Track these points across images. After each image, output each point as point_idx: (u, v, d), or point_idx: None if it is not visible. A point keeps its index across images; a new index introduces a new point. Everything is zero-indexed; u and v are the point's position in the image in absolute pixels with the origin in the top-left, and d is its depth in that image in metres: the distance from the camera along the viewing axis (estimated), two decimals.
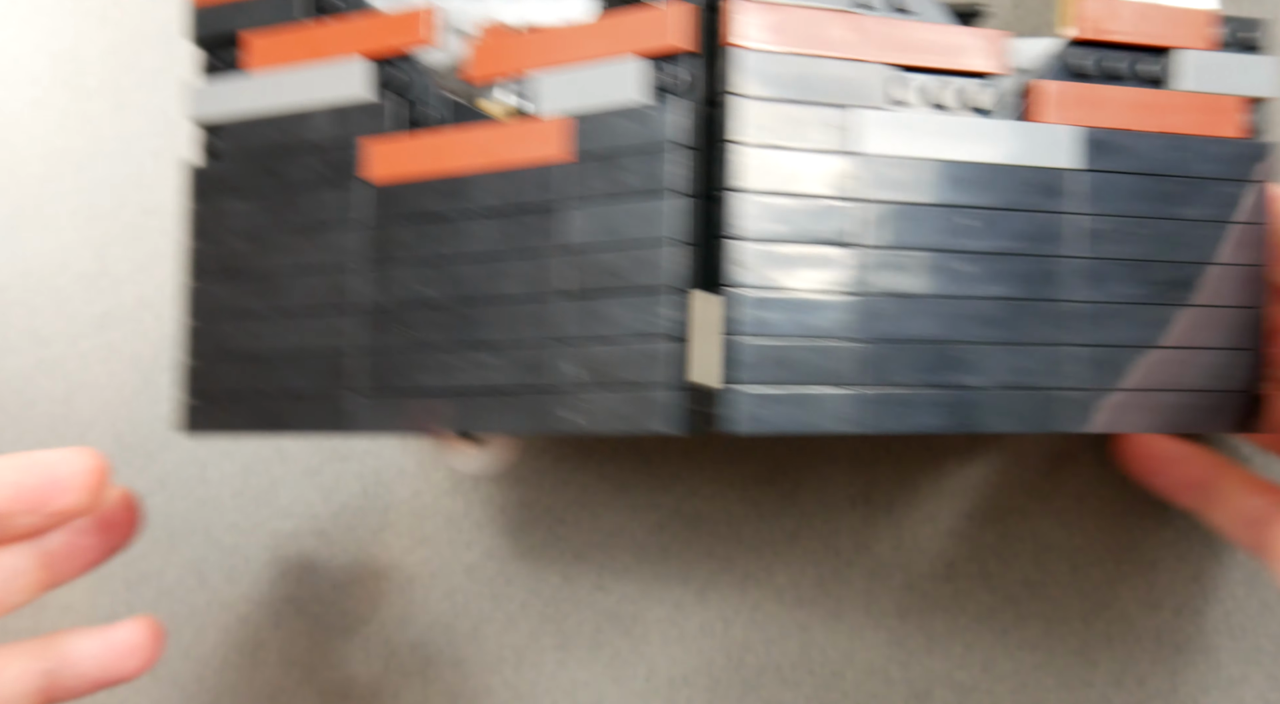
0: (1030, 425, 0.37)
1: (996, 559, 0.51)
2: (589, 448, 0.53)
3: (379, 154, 0.39)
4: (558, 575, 0.52)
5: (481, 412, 0.37)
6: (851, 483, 0.52)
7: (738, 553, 0.52)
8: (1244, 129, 0.40)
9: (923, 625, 0.52)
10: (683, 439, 0.52)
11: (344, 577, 0.53)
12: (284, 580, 0.53)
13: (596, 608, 0.52)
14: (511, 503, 0.53)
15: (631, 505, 0.52)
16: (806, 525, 0.52)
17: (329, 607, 0.53)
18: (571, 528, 0.53)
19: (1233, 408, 0.39)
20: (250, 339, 0.40)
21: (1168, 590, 0.51)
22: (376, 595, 0.53)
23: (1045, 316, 0.37)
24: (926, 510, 0.52)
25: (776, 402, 0.34)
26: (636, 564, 0.52)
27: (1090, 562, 0.51)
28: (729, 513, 0.52)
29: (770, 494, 0.52)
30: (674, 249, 0.34)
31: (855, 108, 0.36)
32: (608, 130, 0.35)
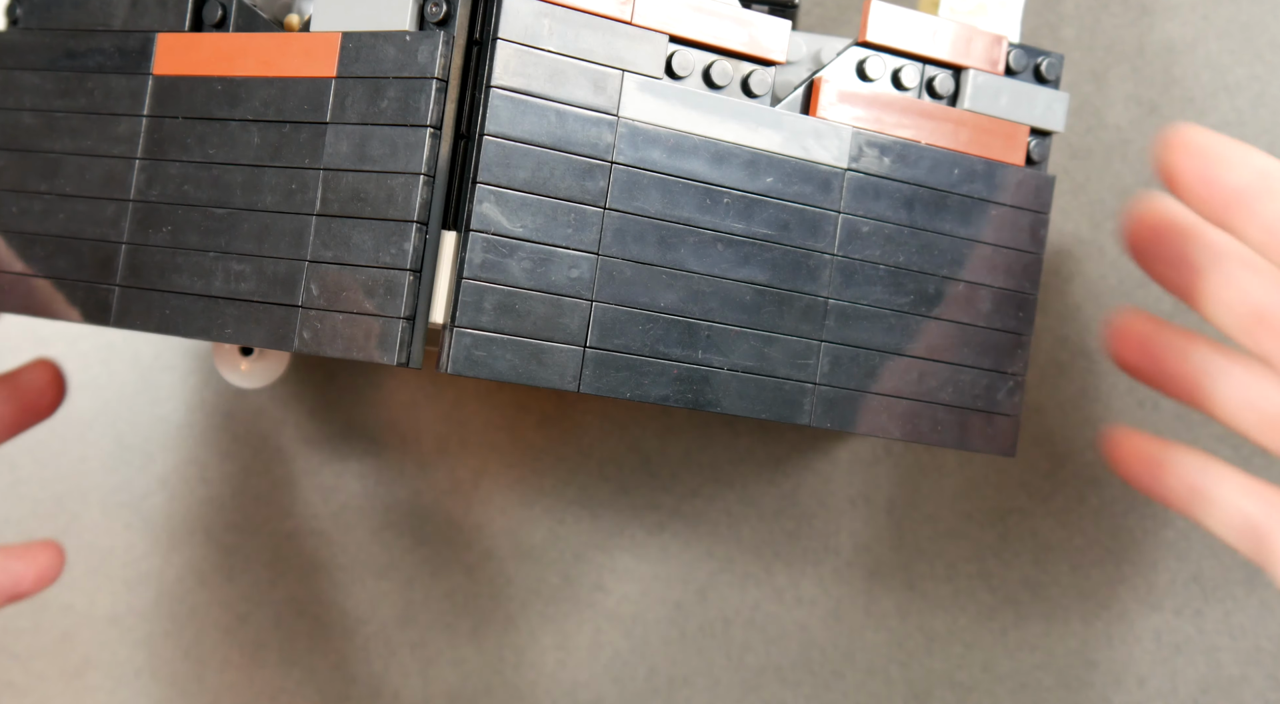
0: (767, 412, 0.37)
1: (996, 559, 0.51)
2: (589, 447, 0.53)
3: (167, 48, 0.38)
4: (558, 575, 0.53)
5: (228, 321, 0.37)
6: (851, 483, 0.52)
7: (738, 553, 0.52)
8: (1026, 157, 0.40)
9: (923, 625, 0.52)
10: (682, 440, 0.53)
11: (344, 577, 0.53)
12: (284, 580, 0.53)
13: (596, 608, 0.52)
14: (511, 503, 0.53)
15: (631, 505, 0.52)
16: (806, 525, 0.52)
17: (329, 607, 0.53)
18: (571, 528, 0.53)
19: (986, 428, 0.39)
20: (25, 217, 0.40)
21: (1168, 590, 0.51)
22: (376, 595, 0.53)
23: (796, 308, 0.37)
24: (926, 510, 0.52)
25: (500, 346, 0.34)
26: (636, 564, 0.52)
27: (1090, 562, 0.51)
28: (729, 513, 0.52)
29: (770, 494, 0.52)
30: (419, 182, 0.34)
31: (624, 71, 0.35)
32: (372, 54, 0.35)
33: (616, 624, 0.52)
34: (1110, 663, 0.51)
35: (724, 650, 0.52)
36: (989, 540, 0.51)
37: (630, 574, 0.52)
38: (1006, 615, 0.51)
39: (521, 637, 0.53)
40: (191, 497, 0.54)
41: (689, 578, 0.52)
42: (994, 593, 0.51)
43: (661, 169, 0.36)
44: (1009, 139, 0.40)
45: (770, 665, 0.52)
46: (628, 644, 0.52)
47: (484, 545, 0.53)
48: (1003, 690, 0.51)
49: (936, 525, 0.52)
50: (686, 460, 0.52)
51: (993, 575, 0.51)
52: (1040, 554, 0.51)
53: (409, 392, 0.53)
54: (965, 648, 0.51)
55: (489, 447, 0.53)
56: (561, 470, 0.53)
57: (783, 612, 0.52)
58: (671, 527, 0.52)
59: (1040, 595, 0.51)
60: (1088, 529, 0.51)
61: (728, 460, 0.52)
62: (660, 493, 0.52)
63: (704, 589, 0.52)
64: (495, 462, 0.53)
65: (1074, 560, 0.51)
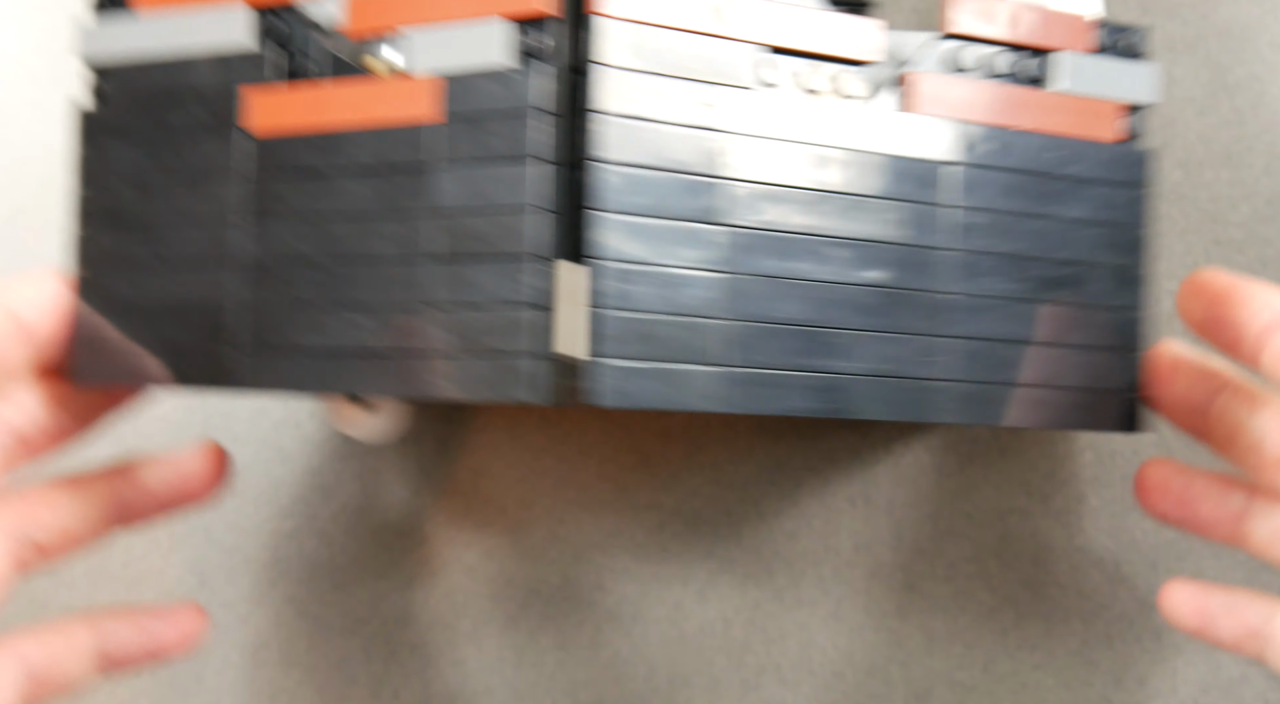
0: (900, 414, 0.37)
1: (996, 559, 0.51)
2: (588, 447, 0.53)
3: (259, 105, 0.38)
4: (558, 575, 0.53)
5: (353, 373, 0.36)
6: (851, 483, 0.52)
7: (738, 553, 0.52)
8: (1122, 133, 0.40)
9: (923, 625, 0.52)
10: (682, 440, 0.52)
11: (344, 577, 0.53)
12: (284, 580, 0.53)
13: (596, 608, 0.52)
14: (511, 503, 0.53)
15: (631, 505, 0.52)
16: (806, 525, 0.52)
17: (329, 607, 0.53)
18: (571, 528, 0.53)
19: (1113, 408, 0.39)
20: (134, 289, 0.40)
21: None
22: (376, 595, 0.53)
23: (917, 306, 0.37)
24: (926, 510, 0.52)
25: (641, 376, 0.34)
26: (636, 564, 0.52)
27: (1090, 562, 0.51)
28: (729, 513, 0.52)
29: (770, 494, 0.52)
30: (536, 216, 0.34)
31: (725, 86, 0.35)
32: (474, 92, 0.35)
33: (616, 624, 0.52)
34: (1110, 663, 0.51)
35: (724, 650, 0.52)
36: (989, 540, 0.51)
37: (630, 574, 0.52)
38: (1006, 615, 0.51)
39: (521, 637, 0.53)
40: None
41: (689, 578, 0.52)
42: (994, 593, 0.51)
43: (770, 180, 0.36)
44: (1104, 117, 0.40)
45: (770, 665, 0.52)
46: (628, 644, 0.52)
47: (484, 545, 0.53)
48: (1003, 690, 0.51)
49: (936, 525, 0.52)
50: (686, 460, 0.52)
51: (993, 575, 0.51)
52: (1040, 554, 0.51)
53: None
54: (965, 648, 0.51)
55: (489, 447, 0.53)
56: (561, 470, 0.53)
57: (783, 612, 0.52)
58: (671, 527, 0.52)
59: (1040, 595, 0.51)
60: (1088, 529, 0.51)
61: (728, 460, 0.52)
62: (660, 493, 0.52)
63: (704, 589, 0.52)
64: (495, 462, 0.53)
65: (1074, 560, 0.51)
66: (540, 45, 0.35)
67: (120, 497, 0.43)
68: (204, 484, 0.44)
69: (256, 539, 0.53)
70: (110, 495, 0.43)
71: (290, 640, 0.53)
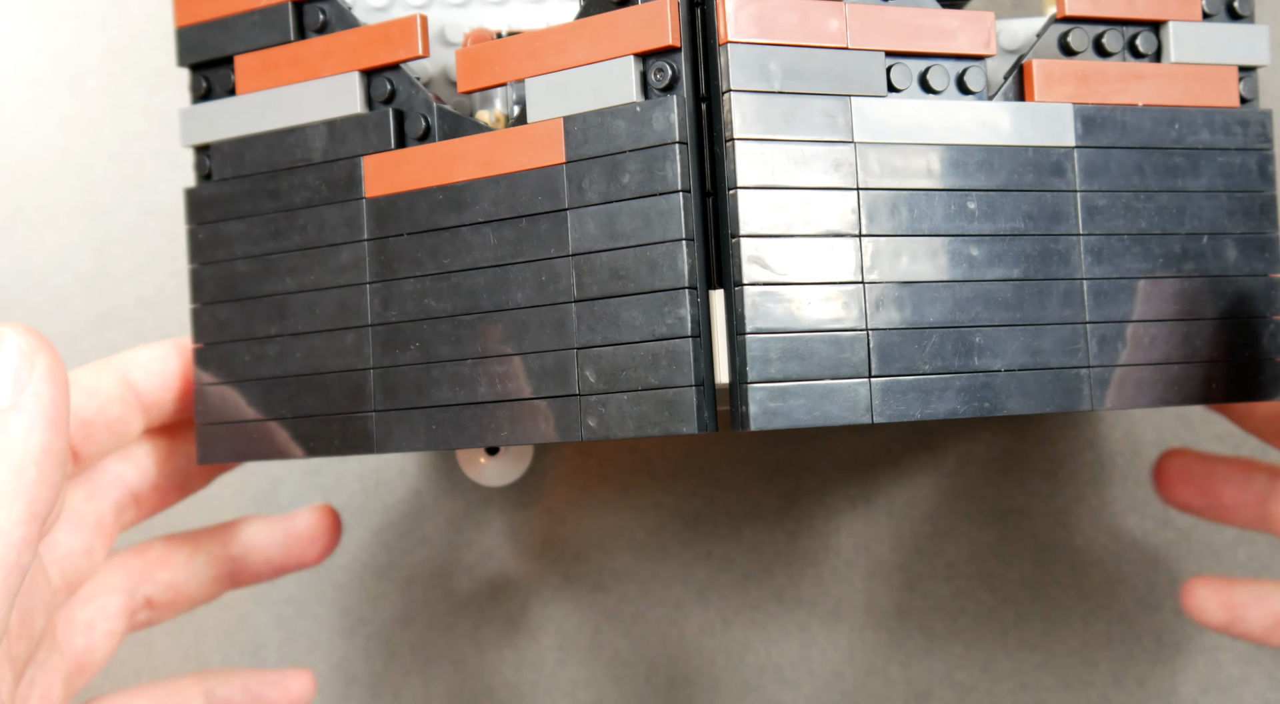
0: (1050, 405, 0.37)
1: (996, 559, 0.52)
2: (588, 447, 0.53)
3: (376, 168, 0.38)
4: (558, 575, 0.53)
5: (502, 424, 0.36)
6: (851, 483, 0.52)
7: (738, 553, 0.52)
8: (1239, 97, 0.40)
9: (923, 625, 0.52)
10: (682, 440, 0.53)
11: (344, 576, 0.53)
12: (284, 580, 0.53)
13: (596, 608, 0.52)
14: (511, 503, 0.53)
15: (631, 505, 0.52)
16: (806, 525, 0.52)
17: (329, 607, 0.53)
18: (571, 528, 0.53)
19: (1252, 376, 0.39)
20: (261, 362, 0.40)
21: (1168, 590, 0.51)
22: (376, 595, 0.53)
23: (1055, 295, 0.37)
24: (926, 510, 0.52)
25: (792, 395, 0.34)
26: (636, 564, 0.52)
27: (1090, 562, 0.51)
28: (729, 513, 0.52)
29: (770, 494, 0.52)
30: (685, 247, 0.34)
31: (850, 96, 0.36)
32: (603, 131, 0.35)
33: (616, 624, 0.52)
34: (1110, 663, 0.51)
35: (724, 650, 0.52)
36: (989, 540, 0.51)
37: (630, 574, 0.52)
38: (1006, 615, 0.51)
39: (521, 637, 0.53)
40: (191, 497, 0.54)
41: (689, 578, 0.52)
42: (994, 593, 0.51)
43: (904, 185, 0.36)
44: (1219, 83, 0.40)
45: (770, 665, 0.52)
46: (628, 644, 0.52)
47: (484, 545, 0.53)
48: (1003, 690, 0.51)
49: (936, 525, 0.52)
50: (686, 460, 0.52)
51: (993, 575, 0.51)
52: (1040, 554, 0.51)
53: None
54: (965, 648, 0.51)
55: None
56: (562, 470, 0.53)
57: (783, 612, 0.52)
58: (671, 527, 0.52)
59: (1040, 595, 0.51)
60: (1087, 529, 0.51)
61: (727, 460, 0.52)
62: (660, 493, 0.52)
63: (704, 589, 0.52)
64: None
65: (1074, 560, 0.51)
66: (665, 77, 0.35)
67: (232, 556, 0.43)
68: (316, 546, 0.44)
69: None
70: (222, 554, 0.43)
71: (290, 640, 0.53)
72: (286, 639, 0.53)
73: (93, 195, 0.55)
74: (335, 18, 0.39)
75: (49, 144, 0.55)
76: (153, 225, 0.54)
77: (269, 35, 0.40)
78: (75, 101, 0.55)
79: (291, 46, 0.40)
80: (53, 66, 0.55)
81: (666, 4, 0.35)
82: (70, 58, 0.55)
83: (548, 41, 0.36)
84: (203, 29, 0.41)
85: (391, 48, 0.38)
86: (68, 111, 0.55)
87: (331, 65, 0.39)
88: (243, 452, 0.40)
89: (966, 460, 0.52)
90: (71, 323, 0.54)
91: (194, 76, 0.42)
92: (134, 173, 0.55)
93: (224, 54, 0.41)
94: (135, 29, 0.55)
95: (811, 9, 0.35)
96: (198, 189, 0.41)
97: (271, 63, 0.40)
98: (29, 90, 0.55)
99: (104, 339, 0.54)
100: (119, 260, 0.54)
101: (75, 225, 0.55)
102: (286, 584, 0.53)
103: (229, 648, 0.53)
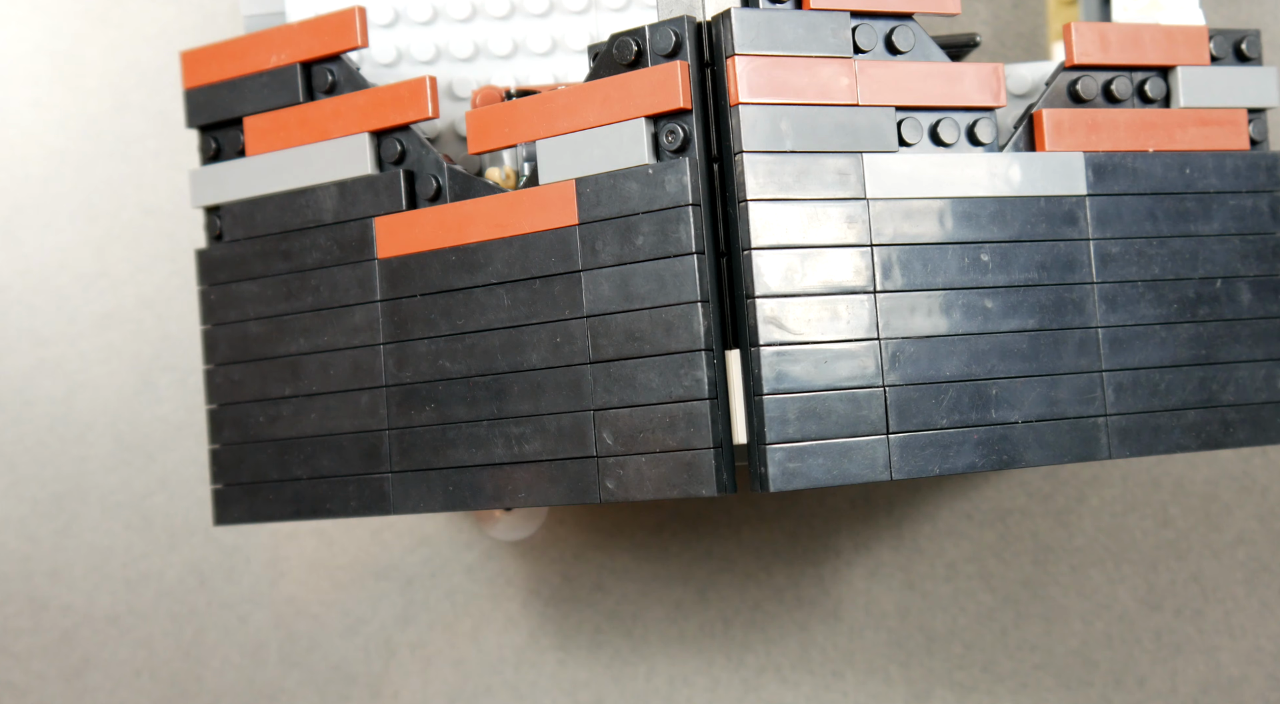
0: (1068, 456, 0.37)
1: (996, 559, 0.52)
2: None
3: (388, 229, 0.38)
4: (558, 575, 0.53)
5: (519, 485, 0.36)
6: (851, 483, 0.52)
7: (738, 553, 0.52)
8: (1249, 140, 0.40)
9: (923, 625, 0.52)
10: None
11: (345, 578, 0.53)
12: (284, 580, 0.53)
13: (596, 608, 0.52)
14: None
15: (631, 506, 0.52)
16: (806, 525, 0.52)
17: (329, 607, 0.53)
18: (572, 528, 0.53)
19: (1270, 420, 0.39)
20: (276, 423, 0.40)
21: (1168, 590, 0.51)
22: (376, 595, 0.53)
23: (1070, 345, 0.37)
24: (926, 510, 0.52)
25: (810, 454, 0.34)
26: (636, 564, 0.52)
27: (1090, 562, 0.51)
28: (729, 513, 0.52)
29: (770, 494, 0.52)
30: (700, 309, 0.34)
31: (861, 153, 0.35)
32: (615, 193, 0.35)
33: (616, 624, 0.52)
34: (1110, 663, 0.51)
35: (724, 650, 0.52)
36: (989, 540, 0.51)
37: (630, 574, 0.52)
38: (1006, 615, 0.51)
39: (521, 637, 0.53)
40: (191, 497, 0.54)
41: (689, 578, 0.52)
42: (994, 593, 0.51)
43: (917, 239, 0.36)
44: (1229, 126, 0.40)
45: (770, 665, 0.52)
46: (628, 644, 0.52)
47: (484, 545, 0.53)
48: (1003, 690, 0.51)
49: (936, 525, 0.52)
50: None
51: (993, 575, 0.51)
52: (1040, 554, 0.51)
53: None
54: (965, 648, 0.51)
55: None
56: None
57: (783, 612, 0.52)
58: (671, 527, 0.52)
59: (1040, 595, 0.51)
60: (1088, 529, 0.51)
61: (744, 496, 0.52)
62: None
63: (704, 589, 0.52)
64: None
65: (1074, 560, 0.51)
66: (677, 139, 0.35)
67: None
68: None
69: (256, 539, 0.53)
70: None
71: (290, 640, 0.53)
72: (286, 639, 0.53)
73: (93, 195, 0.55)
74: (344, 78, 0.39)
75: (49, 144, 0.55)
76: (153, 225, 0.54)
77: (278, 96, 0.40)
78: (75, 101, 0.55)
79: (301, 108, 0.39)
80: (53, 66, 0.55)
81: (677, 66, 0.34)
82: (70, 58, 0.55)
83: (558, 103, 0.36)
84: (211, 90, 0.41)
85: (401, 109, 0.38)
86: (68, 111, 0.55)
87: (341, 126, 0.39)
88: (260, 513, 0.40)
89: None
90: (72, 323, 0.54)
91: (203, 138, 0.41)
92: (134, 173, 0.55)
93: (233, 115, 0.41)
94: (135, 29, 0.55)
95: (821, 68, 0.35)
96: (209, 250, 0.41)
97: (281, 124, 0.40)
98: (29, 90, 0.55)
99: (104, 339, 0.54)
100: (119, 260, 0.54)
101: (75, 225, 0.55)
102: (286, 584, 0.53)
103: (229, 648, 0.53)
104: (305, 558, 0.53)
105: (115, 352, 0.54)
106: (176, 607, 0.53)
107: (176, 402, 0.54)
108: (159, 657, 0.53)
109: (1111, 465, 0.51)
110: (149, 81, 0.55)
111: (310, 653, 0.53)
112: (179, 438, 0.54)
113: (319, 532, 0.53)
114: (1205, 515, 0.51)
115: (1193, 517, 0.51)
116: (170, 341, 0.54)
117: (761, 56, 0.34)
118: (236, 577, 0.53)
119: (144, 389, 0.54)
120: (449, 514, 0.53)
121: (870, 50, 0.36)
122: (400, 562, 0.53)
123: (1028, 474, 0.51)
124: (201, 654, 0.53)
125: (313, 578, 0.53)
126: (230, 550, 0.54)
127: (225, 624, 0.53)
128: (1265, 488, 0.51)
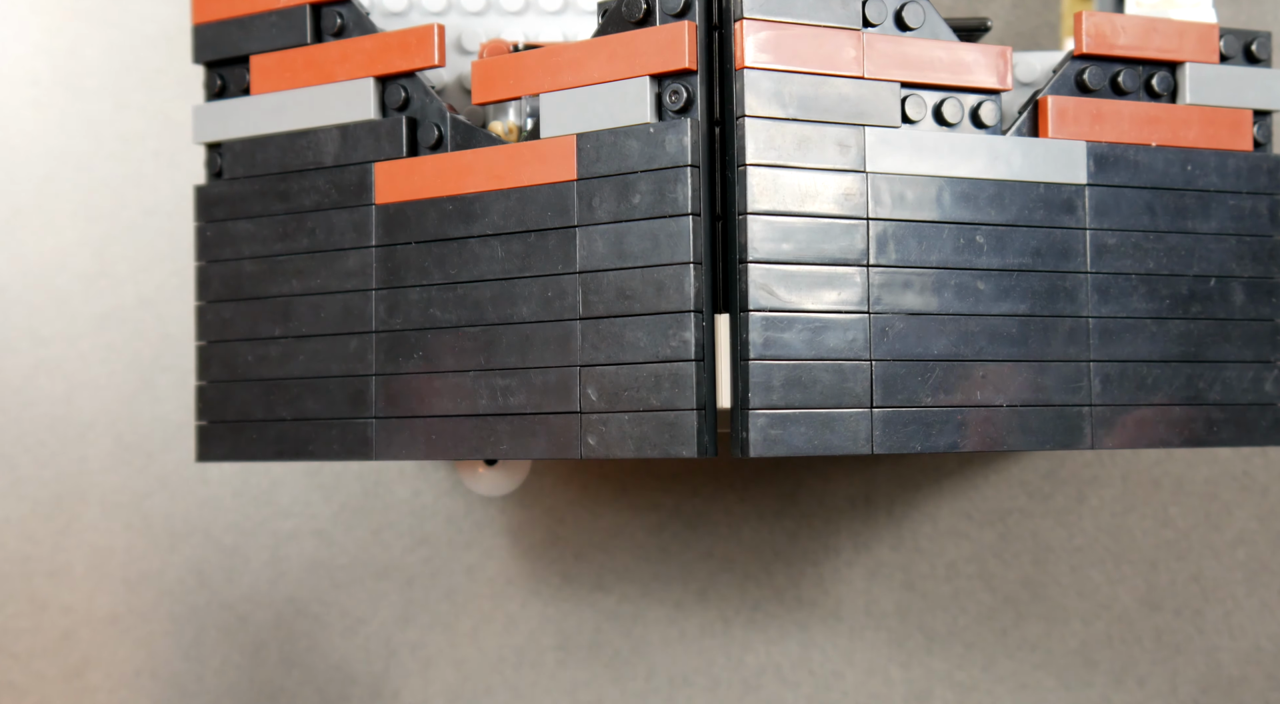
0: (1051, 443, 0.37)
1: (996, 559, 0.52)
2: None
3: (387, 175, 0.38)
4: (558, 575, 0.53)
5: (501, 437, 0.36)
6: (851, 483, 0.52)
7: (738, 553, 0.52)
8: (1253, 141, 0.40)
9: (923, 625, 0.52)
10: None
11: (344, 577, 0.53)
12: (284, 580, 0.53)
13: (596, 608, 0.52)
14: (511, 503, 0.53)
15: (631, 505, 0.52)
16: (806, 525, 0.52)
17: (329, 607, 0.53)
18: (571, 528, 0.53)
19: (1255, 422, 0.39)
20: (263, 363, 0.40)
21: (1168, 590, 0.51)
22: (376, 595, 0.53)
23: (1060, 332, 0.37)
24: (926, 510, 0.52)
25: (793, 423, 0.34)
26: (636, 564, 0.52)
27: (1090, 562, 0.51)
28: (729, 513, 0.52)
29: (770, 494, 0.52)
30: (692, 271, 0.34)
31: (863, 126, 0.35)
32: (616, 150, 0.35)
33: (616, 624, 0.52)
34: (1110, 663, 0.51)
35: (724, 650, 0.52)
36: (989, 540, 0.51)
37: (630, 574, 0.52)
38: (1006, 615, 0.51)
39: (522, 637, 0.53)
40: (191, 497, 0.54)
41: (689, 578, 0.52)
42: (994, 593, 0.51)
43: (914, 216, 0.36)
44: (1234, 126, 0.40)
45: (770, 665, 0.52)
46: (628, 644, 0.52)
47: (484, 545, 0.53)
48: (1003, 690, 0.51)
49: (936, 525, 0.52)
50: (686, 461, 0.52)
51: (993, 575, 0.51)
52: (1040, 554, 0.51)
53: None
54: (965, 648, 0.51)
55: None
56: (562, 470, 0.53)
57: (783, 612, 0.52)
58: (671, 527, 0.52)
59: (1040, 595, 0.51)
60: (1088, 529, 0.51)
61: (727, 461, 0.52)
62: (660, 493, 0.52)
63: (704, 589, 0.52)
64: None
65: (1074, 560, 0.51)
66: (680, 100, 0.35)
67: None
68: None
69: (256, 539, 0.53)
70: None
71: (290, 640, 0.53)
72: (286, 639, 0.53)
73: (93, 195, 0.55)
74: (353, 22, 0.39)
75: (49, 144, 0.55)
76: (153, 225, 0.54)
77: (286, 36, 0.40)
78: (75, 101, 0.55)
79: (308, 49, 0.40)
80: (53, 66, 0.55)
81: (684, 27, 0.34)
82: (70, 58, 0.55)
83: (564, 58, 0.36)
84: (220, 27, 0.41)
85: (408, 56, 0.38)
86: (68, 111, 0.55)
87: (347, 70, 0.39)
88: (241, 452, 0.40)
89: (966, 460, 0.52)
90: (72, 323, 0.54)
91: (209, 74, 0.42)
92: (134, 173, 0.55)
93: (240, 53, 0.41)
94: (135, 29, 0.55)
95: (829, 38, 0.35)
96: (208, 187, 0.41)
97: (287, 64, 0.40)
98: (29, 90, 0.55)
99: (104, 339, 0.54)
100: (119, 260, 0.54)
101: (75, 225, 0.55)
102: (286, 584, 0.53)
103: (229, 648, 0.53)
104: (305, 558, 0.53)
105: (115, 352, 0.54)
106: (176, 607, 0.53)
107: (176, 402, 0.54)
108: (159, 657, 0.53)
109: (1111, 465, 0.51)
110: (149, 81, 0.55)
111: (310, 653, 0.53)
112: (179, 438, 0.54)
113: (319, 532, 0.53)
114: (1205, 515, 0.51)
115: (1193, 517, 0.51)
116: (170, 342, 0.54)
117: (770, 22, 0.34)
118: (236, 577, 0.53)
119: (144, 389, 0.54)
120: (449, 513, 0.53)
121: (880, 24, 0.36)
122: (400, 562, 0.53)
123: (1028, 474, 0.51)
124: (201, 654, 0.53)
125: (313, 578, 0.53)
126: (230, 550, 0.54)
127: (225, 624, 0.53)
128: (1265, 488, 0.51)
